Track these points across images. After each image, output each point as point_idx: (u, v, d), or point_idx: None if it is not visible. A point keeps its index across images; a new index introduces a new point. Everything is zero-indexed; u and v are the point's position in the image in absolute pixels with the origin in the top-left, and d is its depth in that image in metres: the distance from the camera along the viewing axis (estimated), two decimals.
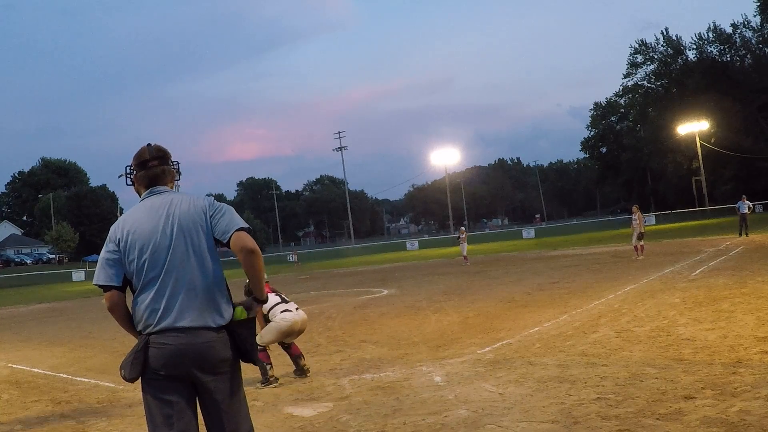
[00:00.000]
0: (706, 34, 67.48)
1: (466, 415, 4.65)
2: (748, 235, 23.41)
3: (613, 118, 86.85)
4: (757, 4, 61.34)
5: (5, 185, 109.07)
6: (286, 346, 6.66)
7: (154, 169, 2.81)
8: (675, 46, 69.63)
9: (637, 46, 71.85)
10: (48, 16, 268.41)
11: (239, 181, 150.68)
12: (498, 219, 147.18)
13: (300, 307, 6.78)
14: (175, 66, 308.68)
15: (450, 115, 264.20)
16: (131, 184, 2.87)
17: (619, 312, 8.78)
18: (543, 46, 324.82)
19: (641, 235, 18.51)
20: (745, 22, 65.23)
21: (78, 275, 52.83)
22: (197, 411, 2.68)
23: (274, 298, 6.57)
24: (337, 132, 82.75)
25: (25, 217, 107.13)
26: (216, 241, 2.71)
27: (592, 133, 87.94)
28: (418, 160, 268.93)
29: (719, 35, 66.62)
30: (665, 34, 70.43)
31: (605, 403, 4.57)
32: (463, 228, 29.25)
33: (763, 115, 62.51)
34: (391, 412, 4.94)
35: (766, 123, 62.69)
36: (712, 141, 59.36)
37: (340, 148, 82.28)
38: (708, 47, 67.76)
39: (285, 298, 6.69)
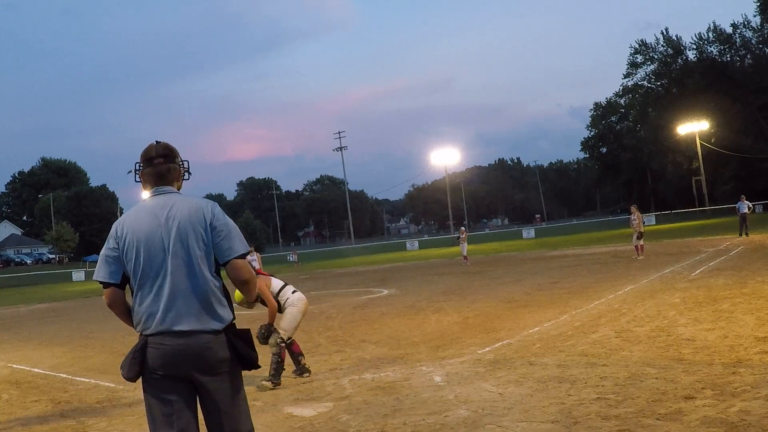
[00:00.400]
0: (706, 34, 67.69)
1: (466, 415, 4.65)
2: (748, 235, 23.41)
3: (613, 118, 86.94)
4: (757, 4, 61.41)
5: (5, 185, 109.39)
6: (288, 343, 6.66)
7: (159, 167, 2.80)
8: (675, 46, 69.69)
9: (637, 46, 72.08)
10: (48, 16, 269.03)
11: (239, 181, 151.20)
12: (498, 219, 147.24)
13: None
14: (175, 66, 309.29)
15: (450, 115, 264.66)
16: (139, 181, 2.87)
17: (619, 312, 8.78)
18: (543, 46, 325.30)
19: (640, 235, 18.58)
20: (745, 22, 65.39)
21: (78, 275, 52.79)
22: (197, 410, 2.68)
23: (278, 281, 6.73)
24: (337, 132, 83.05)
25: (25, 217, 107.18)
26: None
27: (592, 133, 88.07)
28: (418, 160, 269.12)
29: (719, 35, 66.68)
30: (665, 34, 70.69)
31: (605, 403, 4.57)
32: (463, 228, 29.23)
33: (763, 115, 62.55)
34: (391, 412, 4.94)
35: (766, 123, 62.72)
36: (712, 141, 59.38)
37: (340, 148, 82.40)
38: (708, 47, 67.90)
39: (285, 282, 6.86)
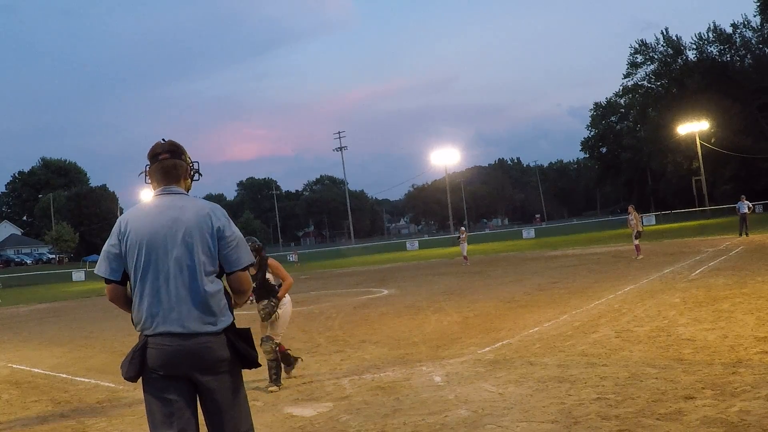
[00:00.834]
0: (706, 34, 67.63)
1: (466, 415, 4.65)
2: (748, 235, 23.42)
3: (613, 118, 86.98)
4: (757, 4, 61.37)
5: (5, 185, 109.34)
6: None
7: (165, 162, 2.79)
8: (675, 46, 69.63)
9: (637, 46, 71.97)
10: (48, 17, 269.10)
11: (239, 181, 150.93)
12: (498, 219, 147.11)
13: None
14: (175, 66, 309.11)
15: (450, 115, 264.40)
16: (149, 182, 2.85)
17: (619, 312, 8.78)
18: (543, 46, 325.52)
19: (639, 234, 18.60)
20: (745, 22, 65.31)
21: (78, 275, 52.75)
22: (197, 410, 2.68)
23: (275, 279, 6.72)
24: (337, 132, 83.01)
25: (25, 217, 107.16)
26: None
27: (592, 133, 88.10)
28: (418, 160, 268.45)
29: (719, 35, 66.63)
30: (665, 34, 70.57)
31: (605, 403, 4.57)
32: (463, 228, 29.22)
33: (763, 115, 62.51)
34: (391, 412, 4.94)
35: (766, 123, 62.68)
36: (712, 141, 59.31)
37: (340, 148, 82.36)
38: (708, 47, 67.85)
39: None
